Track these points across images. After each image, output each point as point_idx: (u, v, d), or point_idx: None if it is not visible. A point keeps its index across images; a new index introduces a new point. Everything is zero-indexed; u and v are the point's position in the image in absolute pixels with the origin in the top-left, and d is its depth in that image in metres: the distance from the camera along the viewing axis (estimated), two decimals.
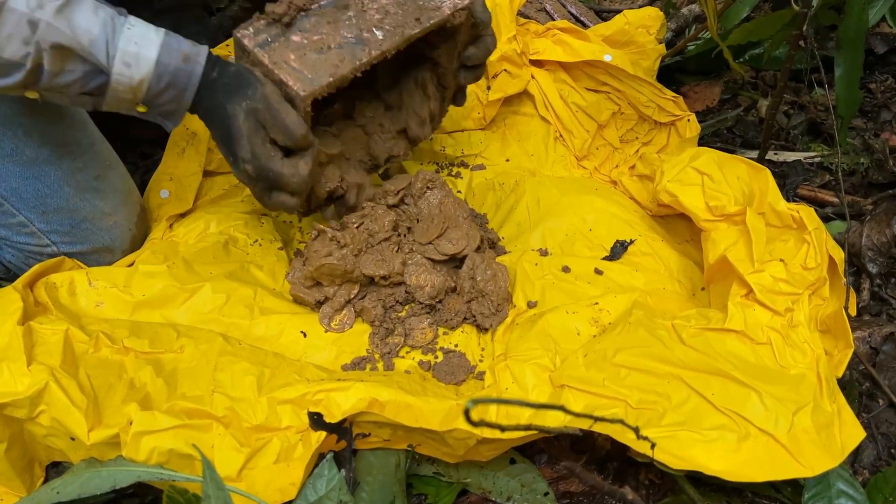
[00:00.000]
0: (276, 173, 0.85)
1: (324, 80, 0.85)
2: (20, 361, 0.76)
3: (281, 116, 0.83)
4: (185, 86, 0.82)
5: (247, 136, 0.84)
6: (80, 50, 0.76)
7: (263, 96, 0.83)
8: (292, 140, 0.84)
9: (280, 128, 0.83)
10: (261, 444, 0.75)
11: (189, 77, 0.82)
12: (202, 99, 0.84)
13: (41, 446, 0.79)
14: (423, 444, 0.80)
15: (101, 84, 0.79)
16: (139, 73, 0.79)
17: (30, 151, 0.91)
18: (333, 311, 0.96)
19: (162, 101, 0.83)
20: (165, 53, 0.80)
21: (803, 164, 1.29)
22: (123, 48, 0.78)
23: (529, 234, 1.09)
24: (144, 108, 0.83)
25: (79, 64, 0.77)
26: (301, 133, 0.84)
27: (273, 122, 0.83)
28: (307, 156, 0.87)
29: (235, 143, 0.85)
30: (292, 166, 0.86)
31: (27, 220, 0.94)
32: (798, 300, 0.83)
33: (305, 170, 0.86)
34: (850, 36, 1.08)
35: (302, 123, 0.84)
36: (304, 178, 0.86)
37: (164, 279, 0.95)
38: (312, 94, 0.85)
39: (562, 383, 0.80)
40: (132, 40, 0.79)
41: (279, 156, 0.85)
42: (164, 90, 0.82)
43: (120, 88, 0.80)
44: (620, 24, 1.28)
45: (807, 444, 0.72)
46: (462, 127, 1.30)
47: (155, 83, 0.81)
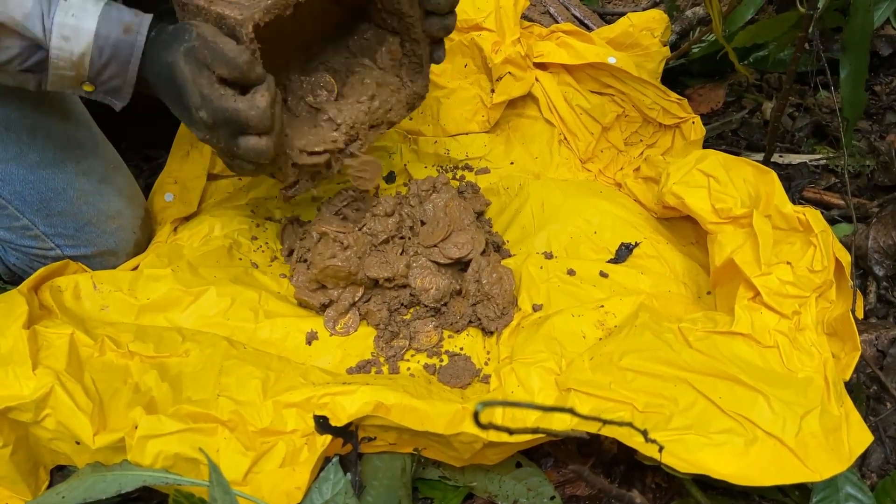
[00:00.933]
0: (232, 110, 0.77)
1: (262, 5, 0.79)
2: (25, 365, 0.76)
3: (219, 47, 0.76)
4: (128, 58, 0.78)
5: (191, 80, 0.77)
6: (14, 25, 0.73)
7: (199, 35, 0.77)
8: (237, 70, 0.76)
9: (221, 60, 0.76)
10: (266, 447, 0.75)
11: (132, 48, 0.78)
12: (147, 68, 0.80)
13: (46, 450, 0.79)
14: (429, 447, 0.80)
15: (41, 60, 0.76)
16: (79, 47, 0.76)
17: (34, 154, 0.91)
18: (338, 314, 0.96)
19: (106, 77, 0.79)
20: (105, 24, 0.76)
21: (809, 166, 1.29)
22: (60, 21, 0.75)
23: (534, 237, 1.09)
24: (90, 86, 0.80)
25: (15, 39, 0.74)
26: (244, 59, 0.76)
27: (213, 57, 0.76)
28: (262, 88, 0.78)
29: (182, 92, 0.78)
30: (248, 100, 0.77)
31: (31, 223, 0.94)
32: (805, 303, 0.83)
33: (263, 101, 0.77)
34: (856, 38, 1.08)
35: (243, 50, 0.77)
36: (263, 109, 0.77)
37: (168, 283, 0.94)
38: (251, 20, 0.79)
39: (568, 387, 0.80)
40: (69, 12, 0.75)
41: (231, 93, 0.78)
42: (107, 64, 0.78)
43: (61, 64, 0.77)
44: (624, 27, 1.28)
45: (815, 448, 0.72)
46: (466, 130, 1.29)
47: (97, 56, 0.77)
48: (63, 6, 0.75)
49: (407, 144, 1.28)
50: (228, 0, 0.81)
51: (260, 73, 0.78)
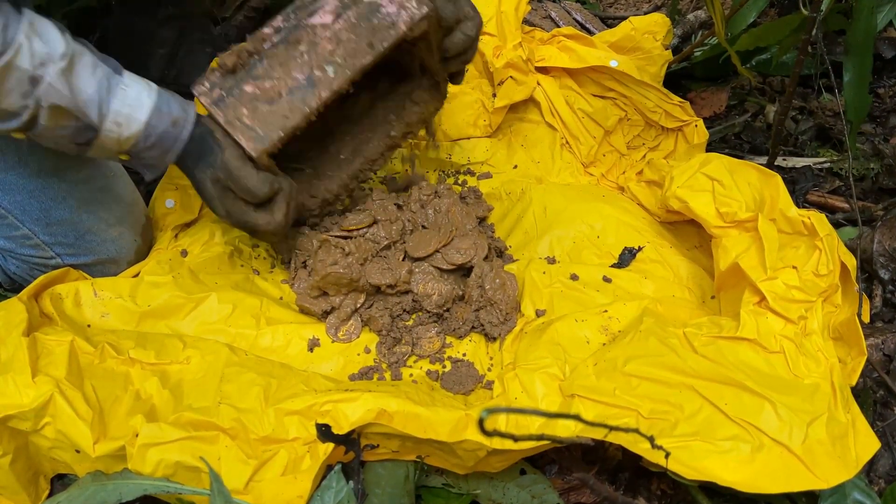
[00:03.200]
0: (252, 224, 0.90)
1: (275, 137, 0.86)
2: (25, 373, 0.76)
3: (242, 182, 0.86)
4: (171, 147, 0.86)
5: (217, 198, 0.89)
6: (75, 110, 0.78)
7: (223, 164, 0.86)
8: (257, 199, 0.88)
9: (243, 191, 0.87)
10: (268, 455, 0.75)
11: (175, 140, 0.86)
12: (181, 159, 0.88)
13: (46, 459, 0.78)
14: (433, 455, 0.79)
15: (90, 138, 0.81)
16: (128, 132, 0.82)
17: (33, 164, 0.91)
18: (340, 321, 0.95)
19: (145, 157, 0.86)
20: (156, 117, 0.83)
21: (813, 169, 1.29)
22: (116, 109, 0.81)
23: (537, 242, 1.08)
24: (126, 157, 0.86)
25: (72, 121, 0.79)
26: (263, 192, 0.88)
27: (236, 187, 0.87)
28: (279, 202, 0.91)
29: (210, 203, 0.91)
30: (267, 215, 0.90)
31: (31, 232, 0.93)
32: (811, 308, 0.82)
33: (279, 216, 0.91)
34: (859, 41, 1.08)
35: (263, 183, 0.87)
36: (279, 222, 0.91)
37: (169, 289, 0.94)
38: (265, 152, 0.86)
39: (572, 393, 0.79)
40: (126, 102, 0.81)
41: (252, 209, 0.90)
42: (150, 148, 0.85)
43: (107, 143, 0.82)
44: (626, 31, 1.28)
45: (821, 455, 0.71)
46: (468, 134, 1.29)
47: (142, 141, 0.83)
48: (120, 96, 0.81)
49: (409, 150, 1.28)
50: (245, 124, 0.86)
51: (277, 190, 0.90)
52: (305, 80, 0.86)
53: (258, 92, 0.86)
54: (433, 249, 0.98)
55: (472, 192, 1.18)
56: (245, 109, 0.86)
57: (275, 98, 0.86)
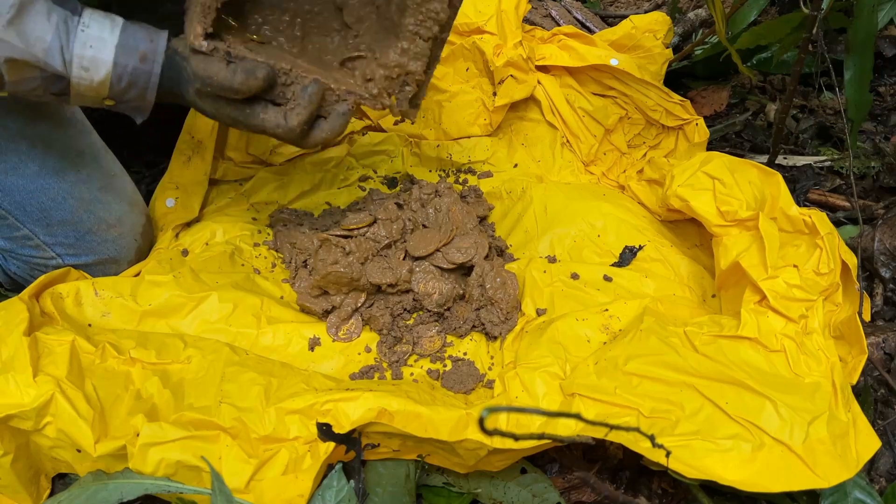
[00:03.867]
0: (261, 127, 0.83)
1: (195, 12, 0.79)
2: (26, 373, 0.76)
3: (215, 81, 0.79)
4: (146, 84, 0.81)
5: (215, 111, 0.83)
6: (35, 61, 0.75)
7: (193, 73, 0.80)
8: (241, 92, 0.80)
9: (225, 91, 0.80)
10: (269, 455, 0.75)
11: (148, 76, 0.81)
12: (166, 91, 0.83)
13: (47, 458, 0.78)
14: (433, 454, 0.79)
15: (63, 87, 0.78)
16: (98, 76, 0.78)
17: (33, 165, 0.90)
18: (341, 320, 0.95)
19: (126, 98, 0.82)
20: (122, 54, 0.78)
21: (813, 168, 1.28)
22: (79, 52, 0.76)
23: (537, 241, 1.08)
24: (112, 101, 0.82)
25: (37, 72, 0.76)
26: (239, 81, 0.79)
27: (216, 90, 0.80)
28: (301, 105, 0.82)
29: (218, 120, 0.85)
30: (276, 118, 0.83)
31: (31, 233, 0.93)
32: (812, 307, 0.82)
33: (295, 119, 0.82)
34: (860, 39, 1.07)
35: (235, 72, 0.79)
36: (293, 128, 0.82)
37: (170, 289, 0.94)
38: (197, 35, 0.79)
39: (572, 391, 0.79)
40: (87, 43, 0.77)
41: (258, 109, 0.82)
42: (126, 89, 0.80)
43: (81, 90, 0.79)
44: (627, 29, 1.28)
45: (822, 454, 0.71)
46: (468, 133, 1.29)
47: (116, 83, 0.79)
48: (81, 37, 0.77)
49: (409, 148, 1.28)
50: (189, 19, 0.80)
51: (264, 76, 0.80)
52: None
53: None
54: (434, 248, 0.98)
55: (473, 191, 1.18)
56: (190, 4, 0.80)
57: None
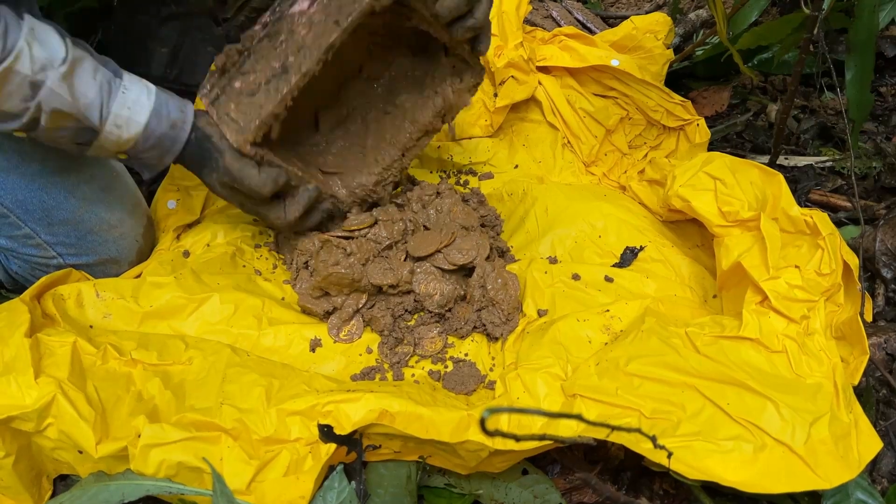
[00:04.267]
0: (265, 217, 0.96)
1: (252, 125, 0.87)
2: (28, 374, 0.76)
3: (245, 183, 0.90)
4: (169, 149, 0.88)
5: (229, 198, 0.94)
6: (77, 114, 0.79)
7: (226, 168, 0.89)
8: (263, 196, 0.92)
9: (248, 191, 0.91)
10: (270, 456, 0.75)
11: (174, 142, 0.87)
12: (184, 160, 0.91)
13: (49, 459, 0.78)
14: (435, 455, 0.79)
15: (90, 139, 0.83)
16: (128, 134, 0.84)
17: (35, 163, 0.91)
18: (342, 321, 0.95)
19: (144, 157, 0.88)
20: (155, 120, 0.85)
21: (815, 168, 1.28)
22: (116, 112, 0.82)
23: (538, 242, 1.08)
24: (125, 156, 0.88)
25: (73, 123, 0.80)
26: (267, 190, 0.91)
27: (241, 188, 0.91)
28: (296, 201, 0.95)
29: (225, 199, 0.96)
30: (279, 211, 0.95)
31: (33, 232, 0.94)
32: (814, 307, 0.82)
33: (292, 215, 0.95)
34: (861, 39, 1.07)
35: (265, 181, 0.90)
36: (291, 222, 0.95)
37: (171, 290, 0.94)
38: (246, 141, 0.88)
39: (574, 392, 0.79)
40: (125, 105, 0.83)
41: (264, 205, 0.94)
42: (149, 150, 0.87)
43: (106, 144, 0.84)
44: (628, 30, 1.28)
45: (824, 455, 0.71)
46: (469, 134, 1.29)
47: (142, 143, 0.85)
48: (120, 99, 0.82)
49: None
50: (231, 118, 0.88)
51: (284, 183, 0.92)
52: (280, 67, 0.87)
53: (243, 86, 0.88)
54: (434, 249, 0.98)
55: (476, 196, 1.18)
56: (232, 104, 0.88)
57: (255, 90, 0.88)
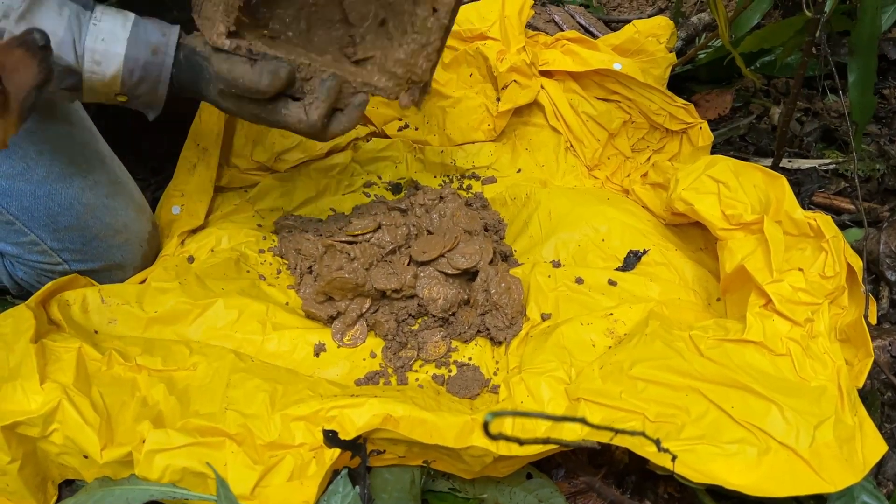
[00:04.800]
0: (284, 123, 0.85)
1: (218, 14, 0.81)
2: (33, 380, 0.76)
3: (240, 83, 0.81)
4: (158, 77, 0.82)
5: (237, 110, 0.85)
6: None
7: (217, 74, 0.82)
8: (267, 93, 0.82)
9: (249, 92, 0.82)
10: (274, 461, 0.75)
11: (160, 69, 0.81)
12: (180, 86, 0.84)
13: (54, 465, 0.79)
14: (439, 460, 0.79)
15: (75, 82, 0.79)
16: (109, 70, 0.79)
17: (40, 170, 0.91)
18: (346, 325, 0.96)
19: (138, 93, 0.82)
20: (133, 48, 0.79)
21: (818, 171, 1.28)
22: (91, 46, 0.77)
23: (542, 245, 1.08)
24: (124, 97, 0.83)
25: None
26: (265, 83, 0.81)
27: (241, 91, 0.82)
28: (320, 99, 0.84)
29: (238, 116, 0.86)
30: (298, 112, 0.84)
31: (38, 238, 0.94)
32: (818, 310, 0.82)
33: (315, 114, 0.84)
34: (863, 41, 1.07)
35: (261, 74, 0.81)
36: (314, 122, 0.84)
37: (176, 295, 0.94)
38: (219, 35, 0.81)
39: (578, 396, 0.79)
40: (99, 37, 0.78)
41: (279, 106, 0.84)
42: (138, 83, 0.81)
43: (93, 85, 0.79)
44: (630, 34, 1.28)
45: (829, 458, 0.71)
46: (472, 139, 1.29)
47: (127, 77, 0.80)
48: (93, 31, 0.77)
49: (413, 154, 1.28)
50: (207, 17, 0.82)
51: (286, 75, 0.82)
52: None
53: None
54: (438, 254, 0.99)
55: (479, 199, 1.18)
56: (208, 3, 0.83)
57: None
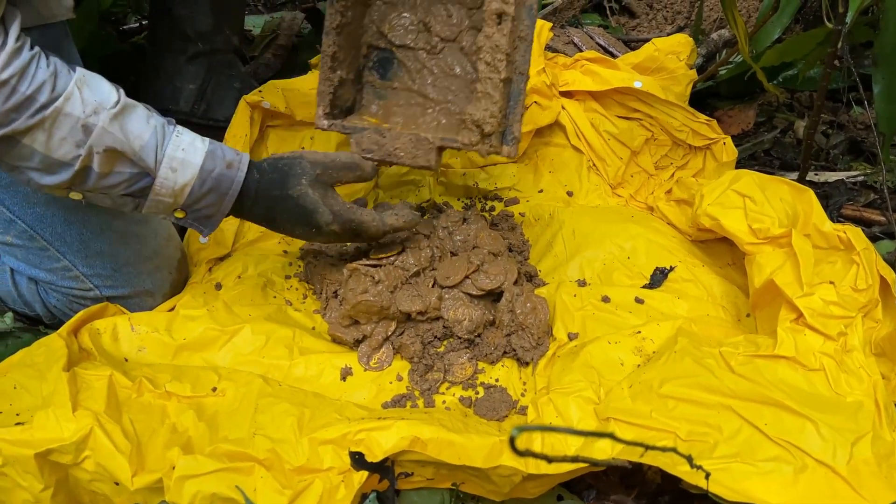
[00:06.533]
0: (358, 222, 0.93)
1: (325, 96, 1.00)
2: (66, 407, 0.77)
3: (338, 160, 0.92)
4: (227, 190, 0.86)
5: (322, 202, 0.90)
6: (131, 154, 0.79)
7: (313, 160, 0.91)
8: (361, 170, 0.94)
9: (345, 170, 0.93)
10: (303, 485, 0.75)
11: (231, 182, 0.86)
12: (245, 204, 0.89)
13: (86, 491, 0.79)
14: (468, 482, 0.79)
15: (146, 186, 0.82)
16: (183, 178, 0.83)
17: None
18: (372, 349, 0.96)
19: (202, 206, 0.86)
20: (210, 160, 0.84)
21: (846, 183, 1.27)
22: (171, 154, 0.82)
23: (567, 265, 1.08)
24: (182, 213, 0.87)
25: (127, 167, 0.80)
26: (357, 159, 0.94)
27: (336, 172, 0.92)
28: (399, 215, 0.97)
29: (313, 215, 0.91)
30: (372, 215, 0.94)
31: (71, 264, 0.96)
32: (851, 323, 0.80)
33: (392, 221, 0.96)
34: (887, 52, 1.06)
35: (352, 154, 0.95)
36: (388, 227, 0.95)
37: (204, 322, 0.95)
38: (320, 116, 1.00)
39: (607, 416, 0.78)
40: (180, 147, 0.83)
41: (356, 207, 0.94)
42: (206, 194, 0.85)
43: (163, 192, 0.83)
44: (650, 52, 1.28)
45: (867, 476, 0.69)
46: (494, 161, 1.30)
47: (198, 187, 0.84)
48: (175, 141, 0.83)
49: (435, 177, 1.29)
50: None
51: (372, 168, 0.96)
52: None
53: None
54: (462, 277, 0.98)
55: (505, 219, 1.18)
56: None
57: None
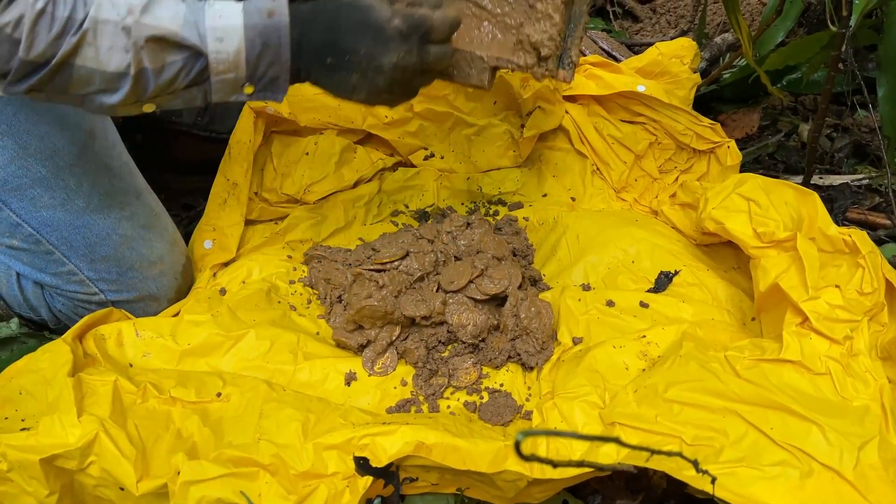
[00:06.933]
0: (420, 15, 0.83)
1: None
2: (71, 413, 0.77)
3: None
4: (278, 39, 0.80)
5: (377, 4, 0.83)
6: (173, 37, 0.76)
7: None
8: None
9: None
10: (308, 491, 0.74)
11: (278, 28, 0.80)
12: (300, 45, 0.82)
13: (91, 497, 0.79)
14: (473, 487, 0.78)
15: (202, 68, 0.79)
16: (232, 45, 0.79)
17: (80, 201, 0.94)
18: (376, 354, 0.96)
19: (263, 69, 0.81)
20: (249, 16, 0.79)
21: (851, 186, 1.26)
22: (211, 25, 0.78)
23: (571, 269, 1.08)
24: (251, 87, 0.83)
25: (176, 53, 0.77)
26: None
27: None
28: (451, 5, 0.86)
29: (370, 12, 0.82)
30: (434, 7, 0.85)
31: (77, 268, 0.96)
32: (857, 327, 0.80)
33: (452, 12, 0.85)
34: (891, 55, 1.06)
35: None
36: (453, 19, 0.85)
37: (208, 328, 0.95)
38: None
39: (613, 420, 0.78)
40: (216, 15, 0.79)
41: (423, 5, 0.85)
42: (261, 54, 0.80)
43: (220, 67, 0.79)
44: (653, 56, 1.28)
45: (875, 480, 0.68)
46: (498, 165, 1.30)
47: (250, 49, 0.80)
48: (210, 13, 0.79)
49: (439, 182, 1.29)
50: None
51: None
52: None
53: None
54: (466, 281, 0.98)
55: (509, 223, 1.18)
56: None
57: None
